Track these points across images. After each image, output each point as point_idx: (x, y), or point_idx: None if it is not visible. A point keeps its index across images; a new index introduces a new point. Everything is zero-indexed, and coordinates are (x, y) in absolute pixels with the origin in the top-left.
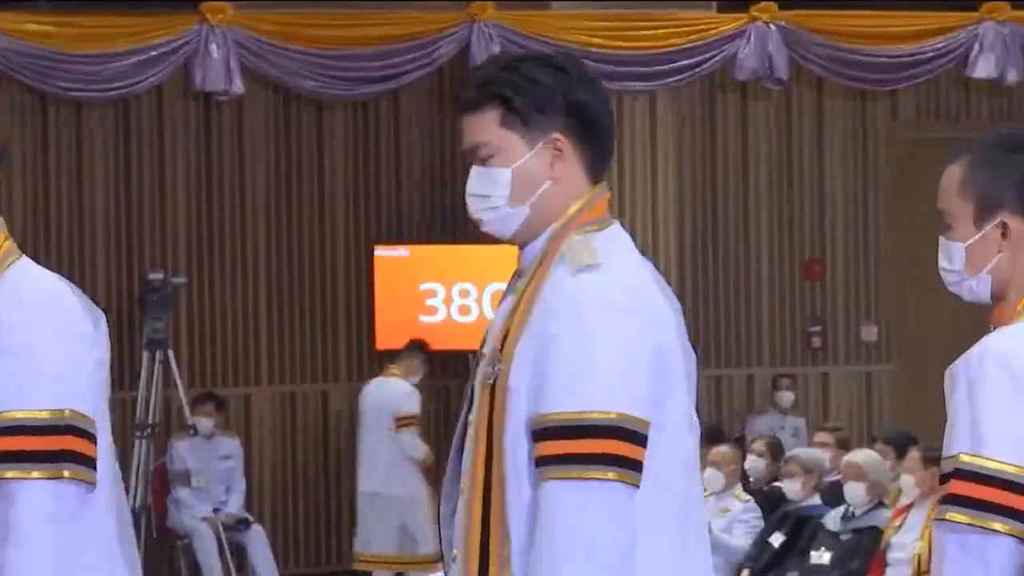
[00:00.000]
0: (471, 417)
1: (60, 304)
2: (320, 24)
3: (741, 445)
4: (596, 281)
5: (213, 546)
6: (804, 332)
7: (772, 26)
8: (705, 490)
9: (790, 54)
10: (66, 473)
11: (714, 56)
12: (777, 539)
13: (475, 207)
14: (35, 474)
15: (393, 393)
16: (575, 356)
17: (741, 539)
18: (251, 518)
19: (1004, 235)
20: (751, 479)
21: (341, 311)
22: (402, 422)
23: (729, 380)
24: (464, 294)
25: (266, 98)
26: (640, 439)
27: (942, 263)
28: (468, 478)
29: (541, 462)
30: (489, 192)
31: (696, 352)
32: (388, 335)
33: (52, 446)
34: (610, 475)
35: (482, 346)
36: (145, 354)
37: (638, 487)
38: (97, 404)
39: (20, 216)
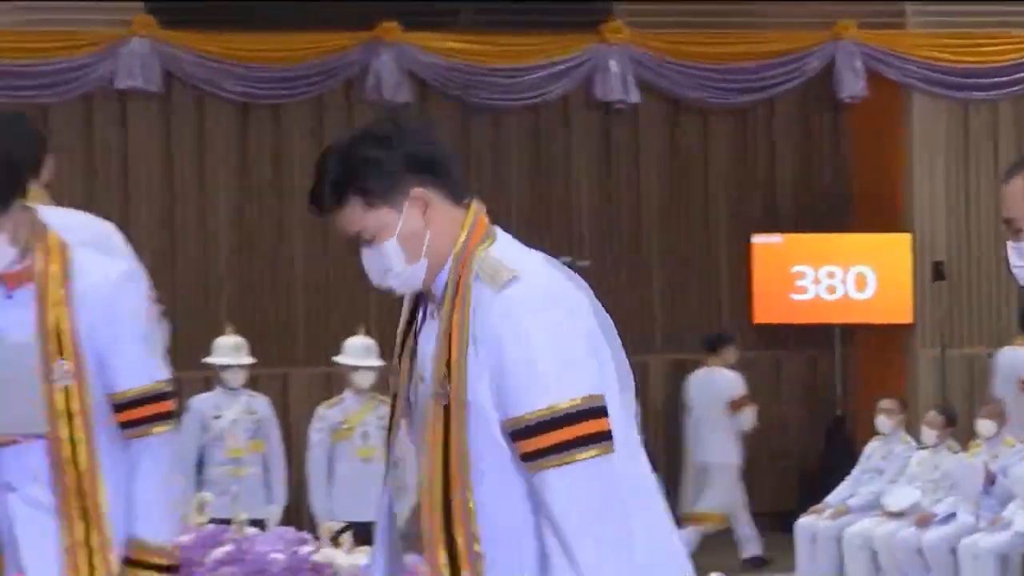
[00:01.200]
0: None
1: None
2: (706, 42)
3: None
4: (520, 291)
5: None
6: None
7: None
8: None
9: None
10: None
11: None
12: None
13: (379, 280)
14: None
15: None
16: (528, 361)
17: None
18: None
19: None
20: None
21: (724, 291)
22: None
23: None
24: (830, 275)
25: (658, 107)
26: (603, 411)
27: (1016, 262)
28: (425, 488)
29: (528, 457)
30: (387, 265)
31: None
32: (764, 311)
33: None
34: (592, 452)
35: (399, 361)
36: None
37: (614, 451)
38: None
39: None
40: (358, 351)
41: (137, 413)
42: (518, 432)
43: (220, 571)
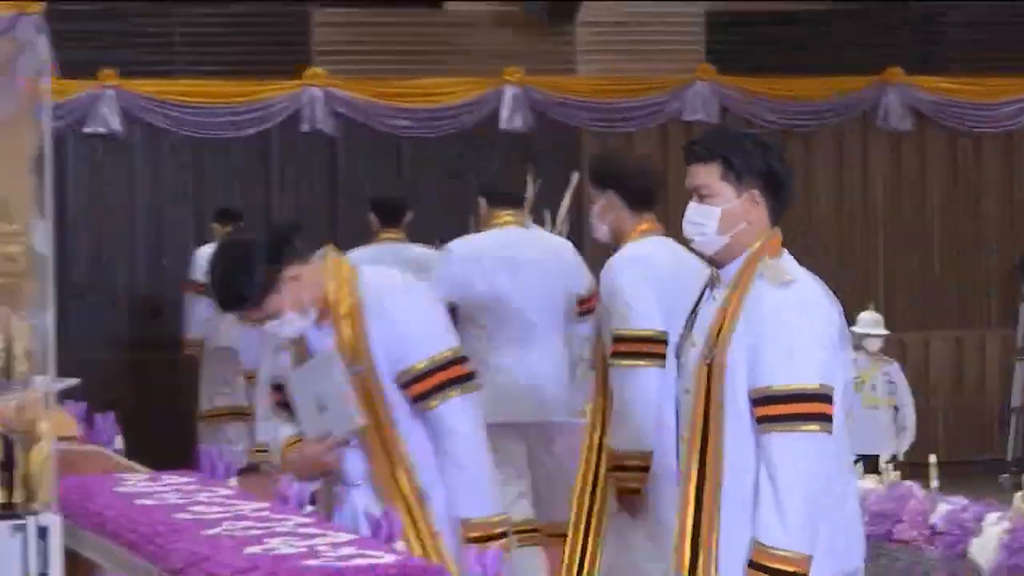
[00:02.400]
0: (689, 385)
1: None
2: None
3: None
4: (793, 292)
5: None
6: None
7: None
8: None
9: None
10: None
11: None
12: None
13: (690, 231)
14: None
15: None
16: (786, 345)
17: None
18: None
19: None
20: None
21: None
22: None
23: None
24: None
25: None
26: (831, 399)
27: None
28: (689, 427)
29: (765, 420)
30: (703, 222)
31: None
32: None
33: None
34: (815, 428)
35: (687, 335)
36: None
37: (831, 433)
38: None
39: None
40: (868, 323)
41: None
42: (763, 398)
43: None
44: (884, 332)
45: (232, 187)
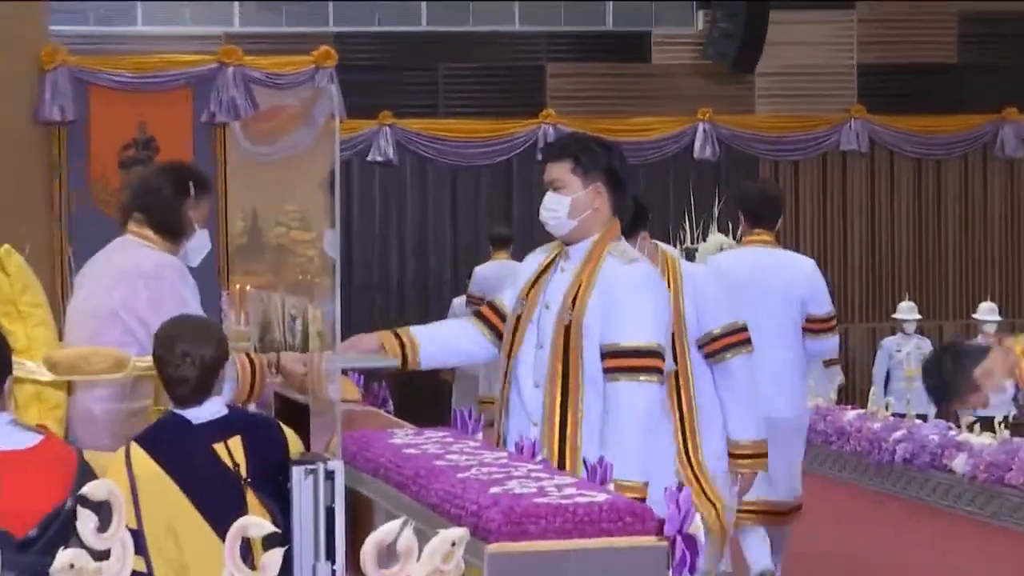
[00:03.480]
0: (544, 342)
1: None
2: None
3: None
4: (640, 268)
5: None
6: None
7: None
8: None
9: None
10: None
11: None
12: None
13: (545, 216)
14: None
15: None
16: (635, 310)
17: None
18: None
19: None
20: None
21: None
22: None
23: None
24: None
25: None
26: (663, 357)
27: None
28: (548, 379)
29: (613, 370)
30: (556, 208)
31: None
32: None
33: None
34: (653, 379)
35: (527, 296)
36: None
37: (663, 384)
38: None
39: None
40: (985, 311)
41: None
42: (612, 352)
43: (899, 445)
44: (998, 318)
45: (480, 204)
